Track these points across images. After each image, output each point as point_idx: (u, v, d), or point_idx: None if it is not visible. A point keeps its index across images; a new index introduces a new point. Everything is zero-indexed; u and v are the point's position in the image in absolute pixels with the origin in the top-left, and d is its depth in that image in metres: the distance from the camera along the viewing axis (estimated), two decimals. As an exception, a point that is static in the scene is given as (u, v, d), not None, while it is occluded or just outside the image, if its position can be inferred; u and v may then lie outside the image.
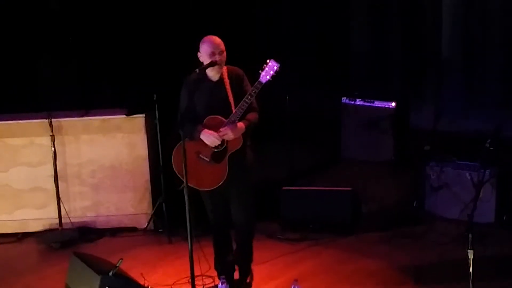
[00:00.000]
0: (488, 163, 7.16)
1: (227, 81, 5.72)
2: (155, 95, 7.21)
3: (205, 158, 5.73)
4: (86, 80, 9.89)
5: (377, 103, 9.10)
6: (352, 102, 9.25)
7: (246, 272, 6.20)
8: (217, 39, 5.73)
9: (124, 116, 7.49)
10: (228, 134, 5.61)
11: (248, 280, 6.21)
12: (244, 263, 6.19)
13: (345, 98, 9.30)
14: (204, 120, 5.71)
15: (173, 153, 5.78)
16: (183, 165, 5.47)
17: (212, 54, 5.67)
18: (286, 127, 8.50)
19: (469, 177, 7.30)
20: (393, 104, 9.01)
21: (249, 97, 5.60)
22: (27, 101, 9.28)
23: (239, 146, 5.68)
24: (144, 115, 7.49)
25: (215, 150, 5.70)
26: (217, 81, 5.76)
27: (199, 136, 5.66)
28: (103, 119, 7.51)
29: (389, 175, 8.66)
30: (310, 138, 9.73)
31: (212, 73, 5.76)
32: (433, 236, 7.12)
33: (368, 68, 10.58)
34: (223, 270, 6.13)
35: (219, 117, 5.67)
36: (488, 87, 9.82)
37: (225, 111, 5.67)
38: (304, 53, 10.80)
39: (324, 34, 10.69)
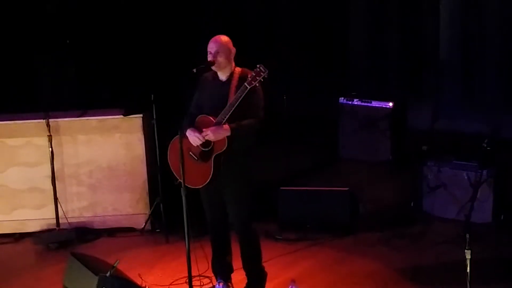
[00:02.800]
0: (486, 163, 7.17)
1: (234, 83, 5.67)
2: (152, 95, 7.20)
3: (193, 156, 5.73)
4: (84, 81, 9.89)
5: (375, 103, 9.10)
6: (350, 102, 9.25)
7: (252, 276, 6.06)
8: (217, 39, 5.71)
9: (121, 116, 7.48)
10: (209, 135, 5.57)
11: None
12: (247, 265, 6.06)
13: (342, 98, 9.30)
14: (197, 118, 5.71)
15: (169, 147, 5.78)
16: (180, 165, 5.49)
17: (208, 53, 5.68)
18: (284, 127, 8.50)
19: (466, 177, 7.30)
20: (391, 104, 9.02)
21: (234, 100, 5.55)
22: (24, 102, 9.29)
23: (224, 149, 5.61)
24: (141, 115, 7.48)
25: (203, 149, 5.67)
26: (225, 81, 5.74)
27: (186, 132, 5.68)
28: (101, 119, 7.51)
29: (387, 175, 8.67)
30: (308, 138, 9.74)
31: (220, 73, 5.75)
32: (430, 236, 7.12)
33: (365, 68, 10.59)
34: (219, 271, 6.10)
35: (210, 117, 5.64)
36: (486, 88, 9.84)
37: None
38: (301, 53, 10.81)
39: (322, 34, 10.70)
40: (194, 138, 5.63)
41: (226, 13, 10.67)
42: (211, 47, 5.69)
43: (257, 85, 5.52)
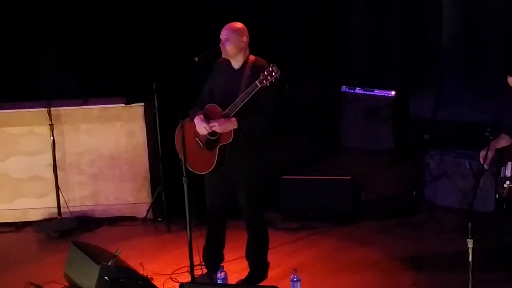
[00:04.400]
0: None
1: (247, 73, 5.64)
2: (154, 84, 7.20)
3: (199, 142, 5.74)
4: (85, 69, 9.87)
5: (377, 92, 9.09)
6: (352, 91, 9.23)
7: (256, 267, 6.06)
8: (228, 26, 5.69)
9: (123, 105, 7.47)
10: (216, 127, 5.60)
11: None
12: (252, 256, 6.06)
13: (345, 86, 9.29)
14: (206, 106, 5.71)
15: (175, 131, 5.77)
16: (183, 152, 5.50)
17: (220, 40, 5.66)
18: (286, 116, 8.49)
19: (468, 166, 7.28)
20: (393, 92, 9.00)
21: (244, 96, 5.51)
22: (26, 90, 9.25)
23: (230, 141, 5.61)
24: (143, 103, 7.48)
25: (210, 137, 5.69)
26: (238, 70, 5.71)
27: (194, 119, 5.69)
28: (102, 108, 7.50)
29: (389, 164, 8.65)
30: (310, 127, 9.72)
31: (233, 61, 5.72)
32: (432, 225, 7.12)
33: (368, 57, 10.55)
34: (208, 260, 6.07)
35: (219, 108, 5.65)
36: (488, 76, 9.80)
37: (232, 102, 5.61)
38: (303, 42, 10.77)
39: (324, 23, 10.66)
40: (201, 127, 5.65)
41: (228, 2, 10.62)
42: (222, 34, 5.67)
43: (268, 84, 5.47)
